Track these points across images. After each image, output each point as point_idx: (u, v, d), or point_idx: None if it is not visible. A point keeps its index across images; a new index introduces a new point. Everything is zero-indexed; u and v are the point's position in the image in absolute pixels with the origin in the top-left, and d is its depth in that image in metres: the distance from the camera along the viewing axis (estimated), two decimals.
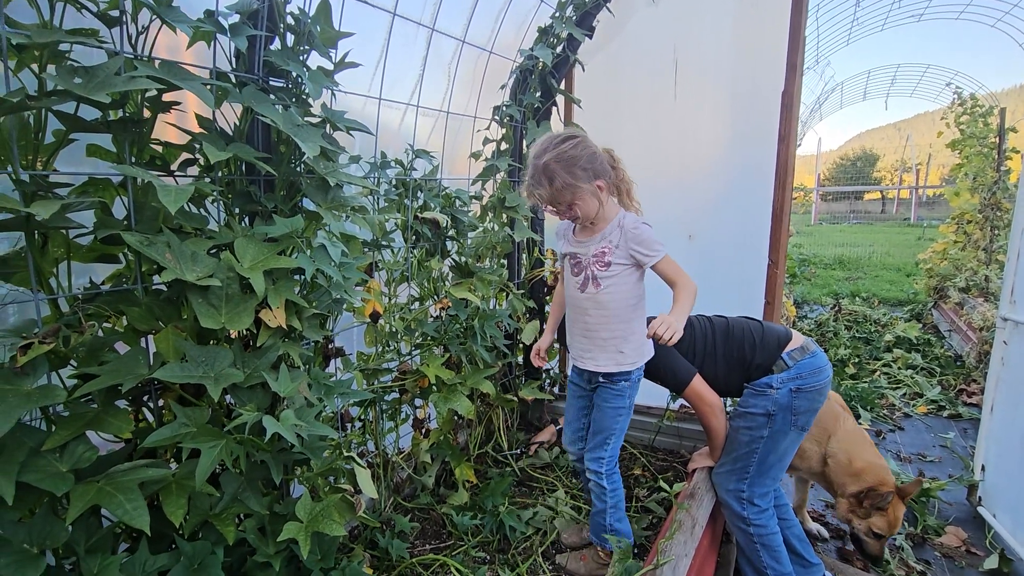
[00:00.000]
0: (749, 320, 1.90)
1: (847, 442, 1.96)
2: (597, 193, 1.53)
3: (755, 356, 1.77)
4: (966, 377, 4.09)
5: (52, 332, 0.94)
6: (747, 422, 1.76)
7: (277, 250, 1.16)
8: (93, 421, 0.98)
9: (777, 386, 1.71)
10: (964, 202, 6.08)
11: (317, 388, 1.28)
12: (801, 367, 1.72)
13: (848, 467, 1.93)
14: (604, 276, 1.59)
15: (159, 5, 0.99)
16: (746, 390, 1.79)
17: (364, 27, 1.60)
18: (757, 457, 1.75)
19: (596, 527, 1.74)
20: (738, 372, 1.80)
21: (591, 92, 2.59)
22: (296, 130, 1.16)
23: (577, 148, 1.49)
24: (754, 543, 1.77)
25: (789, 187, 2.20)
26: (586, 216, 1.55)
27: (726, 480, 1.82)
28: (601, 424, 1.70)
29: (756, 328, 1.84)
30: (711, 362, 1.83)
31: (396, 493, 2.03)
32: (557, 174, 1.47)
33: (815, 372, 1.72)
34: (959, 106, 6.28)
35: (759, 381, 1.74)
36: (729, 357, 1.81)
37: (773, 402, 1.70)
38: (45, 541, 0.91)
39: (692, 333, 1.86)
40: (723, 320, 1.91)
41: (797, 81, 2.15)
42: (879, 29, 8.31)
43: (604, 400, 1.70)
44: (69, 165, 1.11)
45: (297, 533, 1.15)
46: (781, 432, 1.72)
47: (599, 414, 1.71)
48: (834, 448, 1.97)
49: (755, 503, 1.76)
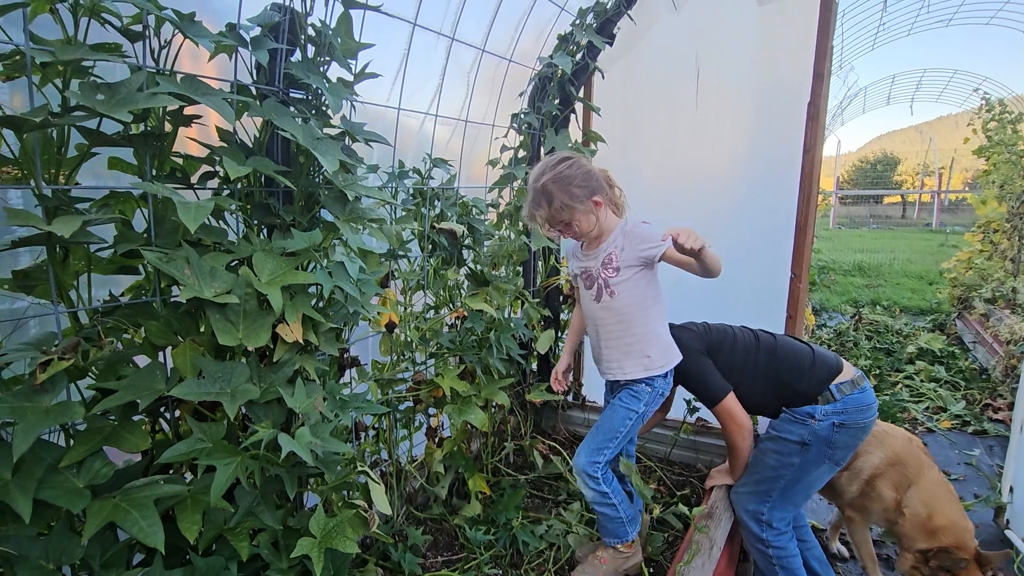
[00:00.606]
0: (798, 342, 1.80)
1: (929, 494, 1.80)
2: (594, 210, 1.57)
3: (800, 382, 1.69)
4: (992, 392, 3.98)
5: (71, 347, 0.93)
6: (778, 446, 1.70)
7: (295, 264, 1.15)
8: (110, 436, 0.98)
9: (820, 417, 1.63)
10: (991, 210, 5.93)
11: (332, 403, 1.27)
12: (848, 402, 1.64)
13: (925, 522, 1.77)
14: (616, 282, 1.60)
15: (181, 20, 0.99)
16: (783, 415, 1.72)
17: (384, 38, 1.59)
18: (783, 483, 1.69)
19: (615, 528, 1.69)
20: (776, 394, 1.73)
21: (610, 100, 2.57)
22: (315, 144, 1.15)
23: (572, 168, 1.55)
24: (773, 565, 1.73)
25: (814, 199, 2.15)
26: (584, 233, 1.60)
27: (746, 500, 1.77)
28: (609, 422, 1.66)
29: (805, 353, 1.74)
30: (749, 378, 1.76)
31: (409, 503, 2.02)
32: (555, 195, 1.53)
33: (862, 409, 1.65)
34: (987, 112, 6.13)
35: (801, 409, 1.67)
36: (770, 377, 1.74)
37: (811, 432, 1.63)
38: (61, 557, 0.91)
39: (733, 343, 1.81)
40: (770, 338, 1.83)
41: (824, 90, 2.10)
42: (905, 34, 8.14)
43: (620, 399, 1.67)
44: (91, 178, 1.11)
45: (310, 549, 1.14)
46: (813, 463, 1.66)
47: (610, 411, 1.68)
48: (913, 499, 1.81)
49: (774, 526, 1.72)
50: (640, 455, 2.48)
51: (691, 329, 1.87)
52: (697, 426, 2.45)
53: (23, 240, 0.92)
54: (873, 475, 1.89)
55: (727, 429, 1.78)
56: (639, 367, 1.64)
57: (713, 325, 1.91)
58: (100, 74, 0.98)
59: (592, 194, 1.55)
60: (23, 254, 1.14)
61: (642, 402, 1.65)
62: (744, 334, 1.84)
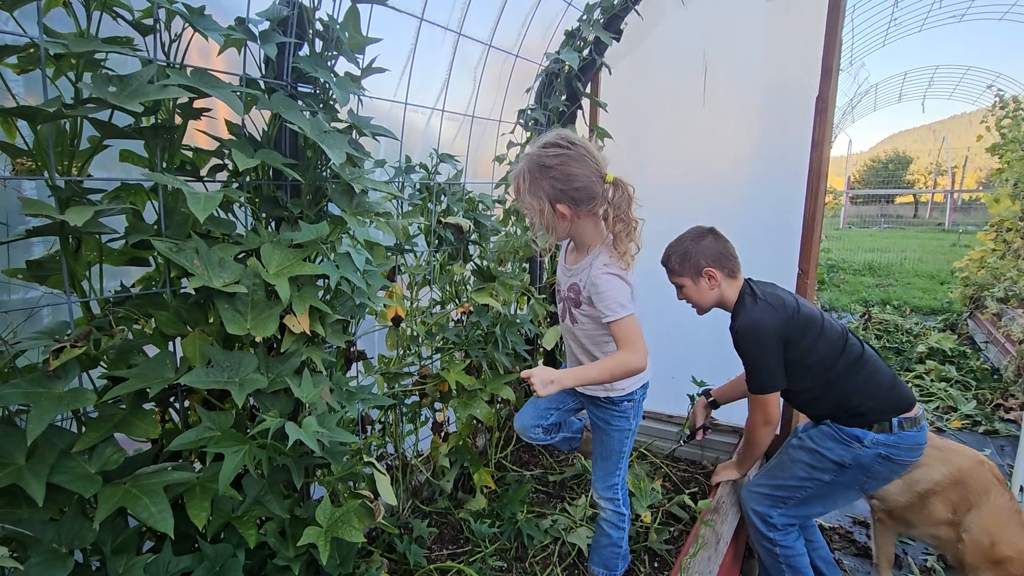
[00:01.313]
0: (884, 362, 1.68)
1: (992, 521, 1.67)
2: (558, 217, 1.35)
3: (866, 404, 1.59)
4: (1003, 392, 3.93)
5: (83, 336, 0.95)
6: (812, 459, 1.63)
7: (302, 256, 1.17)
8: (121, 423, 0.99)
9: (868, 445, 1.56)
10: (1004, 209, 5.85)
11: (339, 393, 1.28)
12: (903, 438, 1.57)
13: (988, 551, 1.65)
14: (577, 313, 1.48)
15: (191, 14, 1.00)
16: (826, 427, 1.64)
17: (391, 32, 1.60)
18: (803, 495, 1.65)
19: (609, 557, 1.64)
20: (834, 406, 1.63)
21: (618, 96, 2.56)
22: (323, 136, 1.16)
23: (558, 159, 1.32)
24: (779, 563, 1.71)
25: (822, 195, 2.14)
26: (545, 227, 1.39)
27: (758, 501, 1.74)
28: (608, 448, 1.59)
29: (887, 378, 1.62)
30: (815, 380, 1.63)
31: (414, 496, 2.04)
32: (522, 178, 1.35)
33: (913, 448, 1.59)
34: (1000, 109, 6.05)
35: (850, 429, 1.59)
36: (839, 388, 1.61)
37: (854, 457, 1.57)
38: (73, 541, 0.92)
39: (817, 338, 1.62)
40: (858, 347, 1.66)
41: (832, 85, 2.09)
42: (917, 30, 8.06)
43: (607, 422, 1.58)
44: (103, 170, 1.13)
45: (317, 538, 1.15)
46: (843, 485, 1.61)
47: (605, 438, 1.60)
48: (973, 524, 1.69)
49: (780, 527, 1.70)
50: (646, 452, 2.47)
51: (775, 307, 1.65)
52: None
53: (37, 229, 0.94)
54: (929, 491, 1.78)
55: (754, 419, 1.71)
56: (599, 389, 1.54)
57: (804, 306, 1.70)
58: (112, 68, 1.00)
59: (558, 202, 1.33)
60: (37, 245, 1.16)
61: (630, 418, 1.57)
62: (832, 331, 1.67)
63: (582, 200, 1.34)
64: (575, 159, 1.33)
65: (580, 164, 1.33)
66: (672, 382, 2.41)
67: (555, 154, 1.32)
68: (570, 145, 1.34)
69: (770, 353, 1.61)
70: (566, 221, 1.36)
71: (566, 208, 1.33)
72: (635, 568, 1.75)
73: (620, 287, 1.35)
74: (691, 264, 1.71)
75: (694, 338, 2.68)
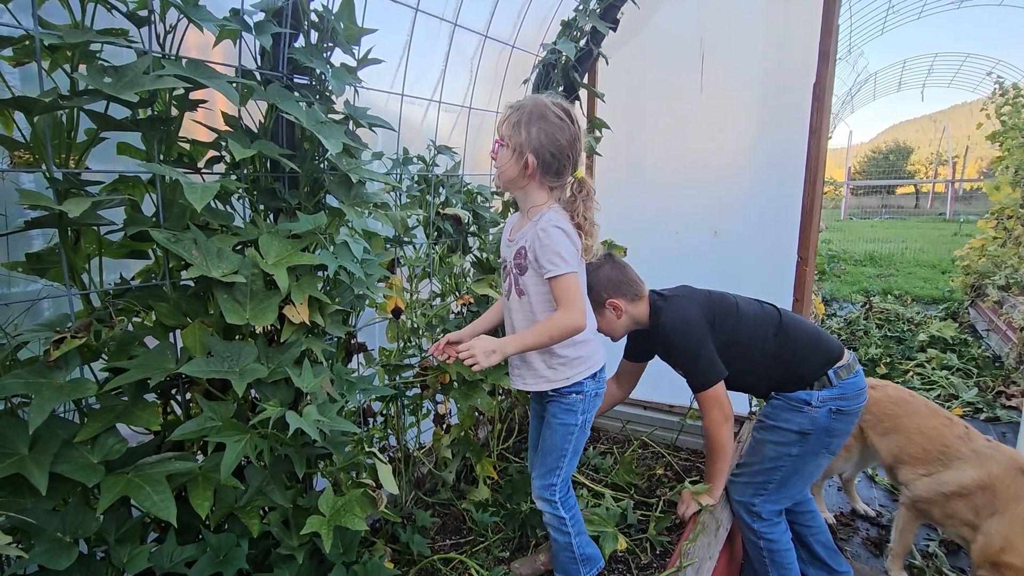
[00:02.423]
0: (803, 319, 1.69)
1: (1011, 528, 1.65)
2: (521, 164, 1.34)
3: (803, 364, 1.60)
4: (1005, 379, 3.94)
5: (84, 327, 0.96)
6: (776, 436, 1.64)
7: (301, 247, 1.17)
8: (123, 414, 1.00)
9: (817, 404, 1.58)
10: (1004, 196, 5.83)
11: (339, 384, 1.29)
12: (845, 387, 1.59)
13: (994, 555, 1.65)
14: (525, 282, 1.38)
15: (186, 4, 1.00)
16: (776, 400, 1.65)
17: (387, 23, 1.60)
18: (781, 474, 1.66)
19: (565, 562, 1.53)
20: (775, 375, 1.65)
21: (615, 86, 2.56)
22: (319, 127, 1.16)
23: (556, 121, 1.32)
24: (763, 557, 1.70)
25: (820, 182, 2.14)
26: (498, 169, 1.38)
27: (741, 491, 1.74)
28: (551, 443, 1.46)
29: (811, 332, 1.64)
30: (752, 355, 1.62)
31: (417, 488, 2.04)
32: (519, 111, 1.34)
33: (858, 394, 1.61)
34: (1000, 96, 6.03)
35: (795, 395, 1.61)
36: (774, 356, 1.62)
37: (811, 421, 1.59)
38: (77, 530, 0.93)
39: (737, 315, 1.66)
40: (775, 312, 1.69)
41: (829, 70, 2.08)
42: (915, 17, 8.02)
43: (553, 415, 1.47)
44: (100, 163, 1.13)
45: (320, 527, 1.16)
46: (812, 453, 1.62)
47: (548, 432, 1.48)
48: (992, 528, 1.68)
49: (764, 516, 1.69)
50: (648, 441, 2.48)
51: (688, 297, 1.70)
52: None
53: (35, 221, 0.95)
54: (956, 492, 1.78)
55: (710, 418, 1.63)
56: (540, 380, 1.43)
57: (713, 293, 1.75)
58: (107, 60, 1.00)
59: (534, 152, 1.32)
60: (36, 238, 1.16)
61: (577, 412, 1.45)
62: (749, 305, 1.71)
63: (549, 166, 1.34)
64: (568, 135, 1.34)
65: (568, 141, 1.34)
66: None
67: (557, 115, 1.33)
68: (573, 121, 1.36)
69: (703, 341, 1.62)
70: (525, 172, 1.35)
71: (532, 160, 1.33)
72: (637, 555, 1.75)
73: (563, 241, 1.31)
74: (593, 299, 1.62)
75: None
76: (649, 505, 2.00)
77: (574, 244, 1.34)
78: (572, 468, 1.50)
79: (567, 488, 1.51)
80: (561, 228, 1.32)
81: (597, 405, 1.50)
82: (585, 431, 1.49)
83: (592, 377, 1.45)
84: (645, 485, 2.17)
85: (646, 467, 2.30)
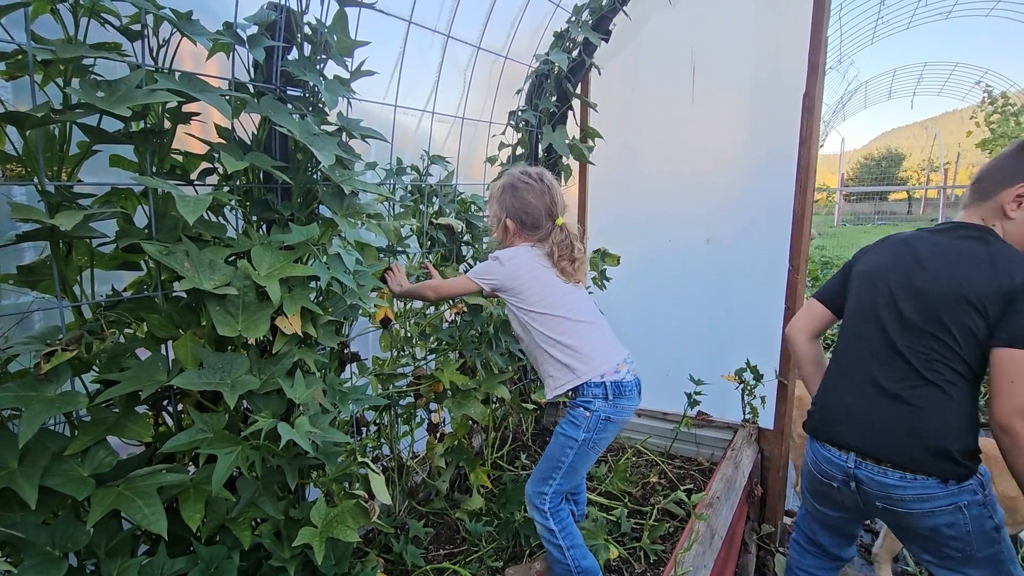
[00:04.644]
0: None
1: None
2: (502, 228, 1.64)
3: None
4: None
5: (75, 339, 0.96)
6: None
7: (293, 258, 1.17)
8: (114, 426, 1.00)
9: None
10: None
11: (332, 394, 1.29)
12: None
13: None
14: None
15: (179, 19, 1.01)
16: None
17: (380, 35, 1.61)
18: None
19: (560, 575, 1.56)
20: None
21: (608, 96, 2.58)
22: (312, 139, 1.17)
23: (525, 186, 1.60)
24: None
25: (810, 191, 2.16)
26: (491, 228, 1.73)
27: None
28: (549, 451, 1.56)
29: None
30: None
31: (410, 497, 2.04)
32: (498, 188, 1.65)
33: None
34: (989, 105, 6.11)
35: None
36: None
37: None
38: (67, 544, 0.93)
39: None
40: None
41: (818, 81, 2.11)
42: (904, 28, 8.12)
43: (559, 425, 1.56)
44: (93, 175, 1.14)
45: (312, 538, 1.16)
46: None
47: (552, 440, 1.58)
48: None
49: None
50: (642, 449, 2.49)
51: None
52: (698, 420, 2.46)
53: (27, 234, 0.95)
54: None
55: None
56: (547, 387, 1.58)
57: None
58: (100, 74, 1.00)
59: (511, 216, 1.62)
60: (28, 250, 1.16)
61: (581, 429, 1.49)
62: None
63: (526, 224, 1.62)
64: (536, 193, 1.60)
65: (537, 198, 1.60)
66: (666, 380, 2.42)
67: (525, 181, 1.61)
68: (539, 180, 1.62)
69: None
70: (507, 233, 1.65)
71: (512, 224, 1.63)
72: (631, 564, 1.75)
73: (487, 262, 1.60)
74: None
75: (686, 336, 2.70)
76: (643, 513, 2.00)
77: (497, 266, 1.58)
78: (567, 484, 1.55)
79: (559, 500, 1.55)
80: (497, 257, 1.59)
81: (609, 431, 1.52)
82: (588, 453, 1.52)
83: (604, 399, 1.49)
84: (639, 493, 2.17)
85: (640, 475, 2.31)
